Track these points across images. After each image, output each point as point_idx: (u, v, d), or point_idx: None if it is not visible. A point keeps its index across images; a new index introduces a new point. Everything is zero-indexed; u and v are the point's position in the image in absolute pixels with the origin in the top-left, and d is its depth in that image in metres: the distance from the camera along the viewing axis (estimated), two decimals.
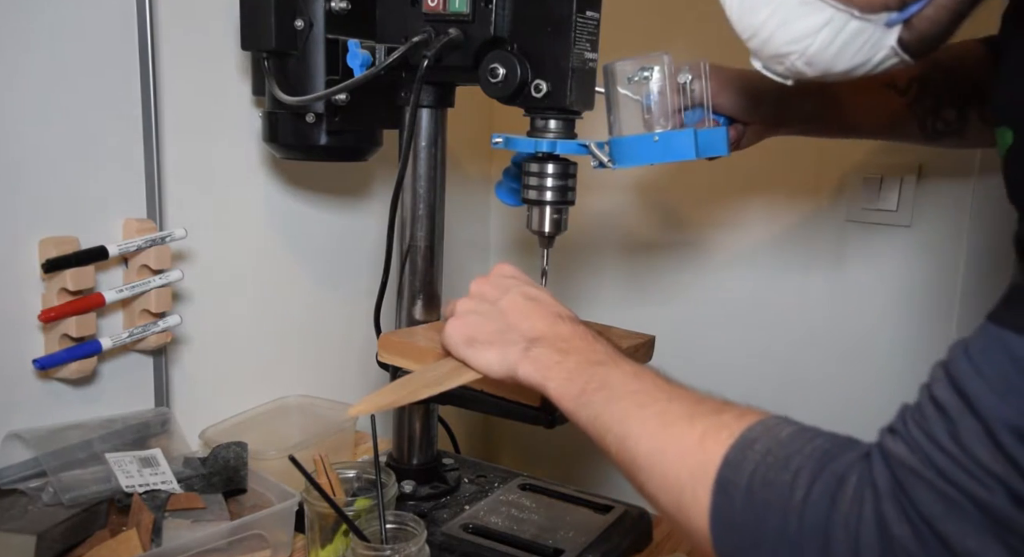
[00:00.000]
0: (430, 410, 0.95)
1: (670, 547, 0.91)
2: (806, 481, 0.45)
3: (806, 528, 0.43)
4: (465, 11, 0.80)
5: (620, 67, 0.77)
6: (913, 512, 0.40)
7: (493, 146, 0.84)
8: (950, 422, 0.40)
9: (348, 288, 1.21)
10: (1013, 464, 0.38)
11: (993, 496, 0.38)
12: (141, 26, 0.88)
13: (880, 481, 0.42)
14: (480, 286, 0.70)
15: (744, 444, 0.48)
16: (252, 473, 0.86)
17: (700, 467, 0.49)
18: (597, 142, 0.80)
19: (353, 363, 1.24)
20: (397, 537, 0.73)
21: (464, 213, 1.46)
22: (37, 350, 0.84)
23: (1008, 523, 0.38)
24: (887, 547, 0.41)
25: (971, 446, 0.39)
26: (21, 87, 0.80)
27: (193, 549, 0.74)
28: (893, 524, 0.41)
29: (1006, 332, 0.39)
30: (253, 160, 1.04)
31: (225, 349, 1.05)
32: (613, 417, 0.56)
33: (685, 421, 0.52)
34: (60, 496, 0.78)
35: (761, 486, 0.46)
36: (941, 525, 0.39)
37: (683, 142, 0.75)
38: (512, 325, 0.65)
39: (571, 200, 0.83)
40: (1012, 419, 0.38)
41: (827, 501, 0.43)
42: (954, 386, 0.41)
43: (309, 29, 0.88)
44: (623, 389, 0.57)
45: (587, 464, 1.50)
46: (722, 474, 0.48)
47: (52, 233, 0.84)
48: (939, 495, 0.40)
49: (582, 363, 0.61)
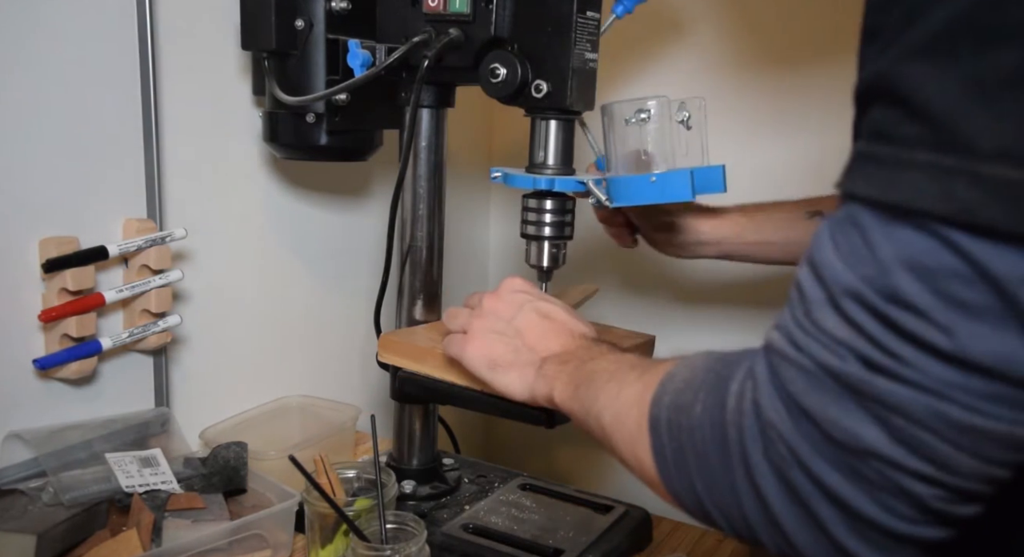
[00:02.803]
0: (430, 410, 0.95)
1: (670, 547, 0.91)
2: (704, 394, 0.46)
3: (708, 438, 0.44)
4: (465, 11, 0.80)
5: (617, 108, 0.78)
6: (783, 393, 0.40)
7: (492, 181, 0.85)
8: (804, 298, 0.40)
9: (348, 288, 1.21)
10: (858, 329, 0.37)
11: (845, 363, 0.38)
12: (141, 26, 0.88)
13: (758, 371, 0.42)
14: (493, 303, 0.71)
15: (665, 381, 0.50)
16: (252, 473, 0.86)
17: (639, 415, 0.50)
18: (595, 179, 0.81)
19: (353, 363, 1.24)
20: (397, 537, 0.73)
21: (464, 213, 1.46)
22: (37, 350, 0.84)
23: (863, 388, 0.37)
24: (765, 433, 0.41)
25: (820, 317, 0.39)
26: (21, 87, 0.80)
27: (193, 549, 0.74)
28: (767, 409, 0.41)
29: (852, 204, 0.39)
30: (253, 160, 1.04)
31: (225, 349, 1.05)
32: (591, 399, 0.57)
33: (635, 380, 0.54)
34: (60, 496, 0.78)
35: (675, 412, 0.47)
36: (805, 399, 0.39)
37: (680, 182, 0.76)
38: (529, 346, 0.67)
39: (569, 235, 0.84)
40: (852, 284, 0.37)
41: (718, 405, 0.44)
42: (809, 263, 0.41)
43: (309, 29, 0.87)
44: (600, 373, 0.59)
45: (587, 464, 1.50)
46: (650, 413, 0.49)
47: (52, 233, 0.84)
48: (800, 371, 0.39)
49: (577, 365, 0.63)
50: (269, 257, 1.09)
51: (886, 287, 0.36)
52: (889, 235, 0.36)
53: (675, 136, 0.78)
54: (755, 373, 0.43)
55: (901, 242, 0.36)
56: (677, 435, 0.47)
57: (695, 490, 0.46)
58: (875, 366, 0.37)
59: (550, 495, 0.94)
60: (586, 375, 0.60)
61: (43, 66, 0.82)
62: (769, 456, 0.41)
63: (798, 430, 0.39)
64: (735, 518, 0.44)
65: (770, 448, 0.41)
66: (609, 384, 0.56)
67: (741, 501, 0.43)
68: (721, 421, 0.44)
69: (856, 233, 0.38)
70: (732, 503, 0.44)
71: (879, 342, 0.37)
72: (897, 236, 0.36)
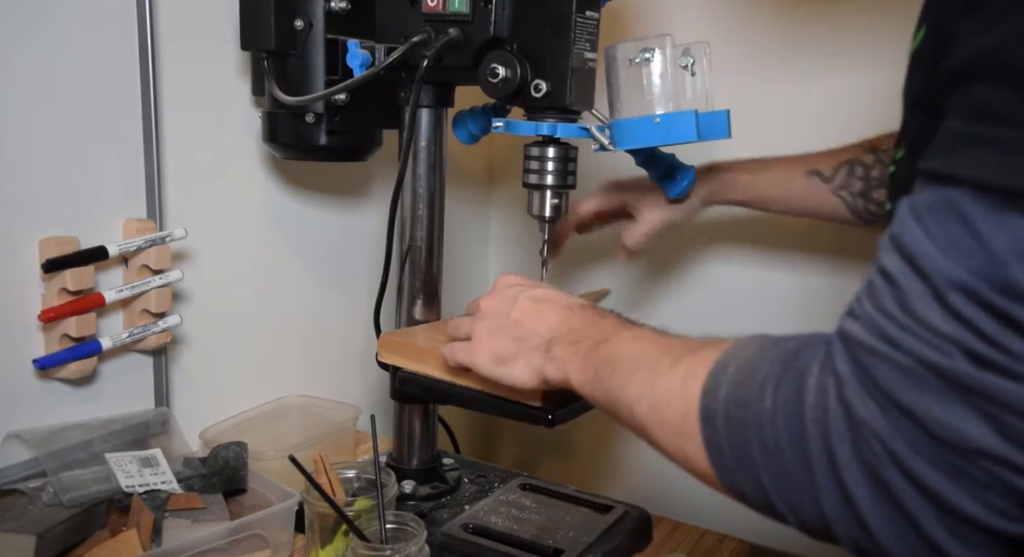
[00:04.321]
0: (430, 410, 0.95)
1: (670, 547, 0.91)
2: (772, 387, 0.44)
3: (781, 434, 0.42)
4: (465, 11, 0.80)
5: (621, 49, 0.77)
6: (876, 391, 0.39)
7: (493, 130, 0.85)
8: (898, 290, 0.38)
9: (348, 288, 1.21)
10: (966, 324, 0.36)
11: (951, 360, 0.36)
12: (141, 26, 0.88)
13: (841, 367, 0.41)
14: (490, 303, 0.70)
15: (717, 370, 0.48)
16: (252, 473, 0.86)
17: (686, 406, 0.48)
18: (598, 126, 0.80)
19: (353, 363, 1.24)
20: (397, 537, 0.73)
21: (464, 213, 1.46)
22: (37, 350, 0.84)
23: (971, 385, 0.36)
24: (857, 433, 0.39)
25: (921, 311, 0.37)
26: (20, 87, 0.80)
27: (193, 549, 0.74)
28: (858, 408, 0.39)
29: (950, 188, 0.37)
30: (253, 160, 1.04)
31: (225, 349, 1.05)
32: (619, 387, 0.56)
33: (671, 368, 0.51)
34: (60, 496, 0.78)
35: (735, 406, 0.45)
36: (904, 398, 0.37)
37: (685, 123, 0.75)
38: (530, 331, 0.66)
39: (572, 184, 0.84)
40: (960, 277, 0.36)
41: (793, 401, 0.42)
42: (901, 252, 0.39)
43: (309, 29, 0.88)
44: (623, 357, 0.57)
45: (587, 464, 1.50)
46: (703, 405, 0.47)
47: (52, 233, 0.84)
48: (896, 367, 0.38)
49: (591, 346, 0.61)
50: (269, 257, 1.09)
51: (1001, 280, 0.35)
52: (1003, 225, 0.35)
53: (679, 81, 0.77)
54: (837, 369, 0.41)
55: (1019, 232, 0.35)
56: (740, 429, 0.45)
57: (760, 484, 0.44)
58: (985, 362, 0.36)
59: (550, 495, 0.94)
60: (605, 359, 0.58)
61: (43, 66, 0.82)
62: (860, 455, 0.39)
63: (895, 429, 0.38)
64: (807, 512, 0.43)
65: (862, 447, 0.39)
66: (639, 373, 0.54)
67: (819, 497, 0.41)
68: (798, 418, 0.42)
69: (957, 222, 0.36)
70: (807, 499, 0.42)
71: (990, 337, 0.35)
72: (1014, 226, 0.35)
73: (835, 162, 0.91)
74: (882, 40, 1.10)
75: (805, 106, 1.21)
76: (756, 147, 1.08)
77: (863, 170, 0.89)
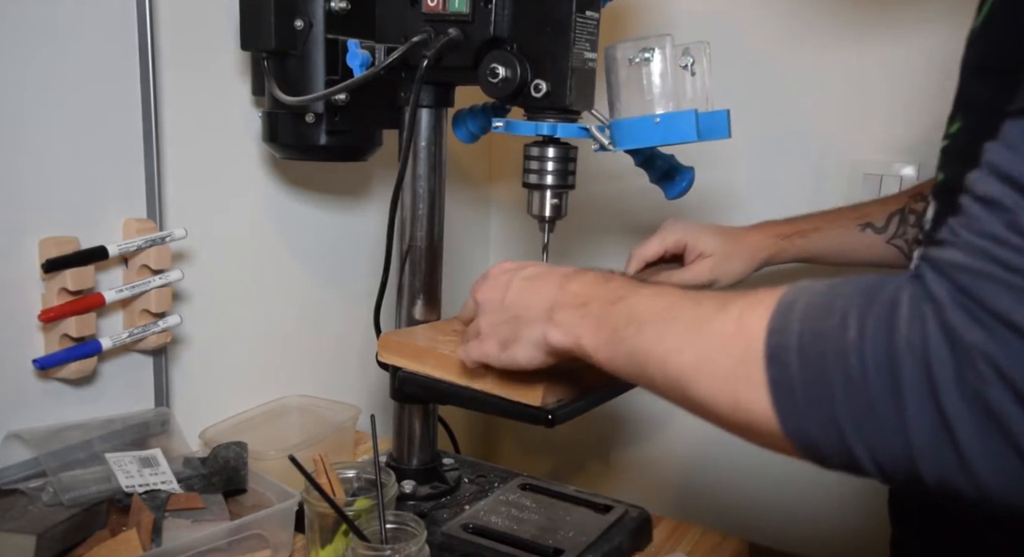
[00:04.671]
0: (430, 410, 0.95)
1: (670, 547, 0.91)
2: (856, 319, 0.42)
3: (869, 365, 0.41)
4: (465, 11, 0.80)
5: (621, 49, 0.77)
6: (983, 313, 0.38)
7: (493, 130, 0.84)
8: (1006, 212, 0.38)
9: (348, 288, 1.21)
10: None
11: None
12: (141, 26, 0.88)
13: (939, 292, 0.40)
14: (485, 293, 0.69)
15: (784, 308, 0.46)
16: (252, 473, 0.86)
17: (747, 348, 0.46)
18: (598, 125, 0.80)
19: (353, 363, 1.24)
20: (397, 537, 0.73)
21: (464, 213, 1.46)
22: (37, 350, 0.84)
23: None
24: (963, 357, 0.38)
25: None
26: (21, 87, 0.80)
27: (193, 549, 0.74)
28: (964, 332, 0.38)
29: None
30: (253, 160, 1.04)
31: (225, 349, 1.05)
32: (649, 342, 0.53)
33: (719, 313, 0.49)
34: (60, 496, 0.78)
35: (812, 340, 0.43)
36: (1017, 317, 0.37)
37: (685, 123, 0.75)
38: (527, 305, 0.64)
39: (571, 184, 0.84)
40: None
41: (884, 330, 0.41)
42: (1001, 177, 0.39)
43: (309, 29, 0.88)
44: (649, 313, 0.54)
45: (587, 464, 1.50)
46: (770, 344, 0.45)
47: (52, 233, 0.84)
48: (1008, 287, 0.37)
49: (604, 306, 0.58)
50: (269, 257, 1.09)
51: None
52: None
53: (679, 81, 0.77)
54: (935, 295, 0.40)
55: None
56: (817, 363, 0.42)
57: (835, 423, 0.42)
58: None
59: (550, 495, 0.94)
60: (625, 317, 0.55)
61: (43, 66, 0.82)
62: (963, 380, 0.38)
63: (1006, 349, 0.37)
64: (892, 448, 0.41)
65: (966, 372, 0.38)
66: (676, 324, 0.51)
67: (908, 429, 0.40)
68: (890, 347, 0.40)
69: None
70: (893, 433, 0.40)
71: None
72: None
73: (886, 212, 0.93)
74: (876, 41, 1.10)
75: (804, 106, 1.21)
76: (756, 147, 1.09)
77: (915, 218, 0.91)
